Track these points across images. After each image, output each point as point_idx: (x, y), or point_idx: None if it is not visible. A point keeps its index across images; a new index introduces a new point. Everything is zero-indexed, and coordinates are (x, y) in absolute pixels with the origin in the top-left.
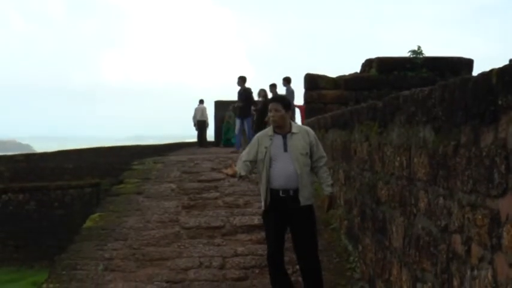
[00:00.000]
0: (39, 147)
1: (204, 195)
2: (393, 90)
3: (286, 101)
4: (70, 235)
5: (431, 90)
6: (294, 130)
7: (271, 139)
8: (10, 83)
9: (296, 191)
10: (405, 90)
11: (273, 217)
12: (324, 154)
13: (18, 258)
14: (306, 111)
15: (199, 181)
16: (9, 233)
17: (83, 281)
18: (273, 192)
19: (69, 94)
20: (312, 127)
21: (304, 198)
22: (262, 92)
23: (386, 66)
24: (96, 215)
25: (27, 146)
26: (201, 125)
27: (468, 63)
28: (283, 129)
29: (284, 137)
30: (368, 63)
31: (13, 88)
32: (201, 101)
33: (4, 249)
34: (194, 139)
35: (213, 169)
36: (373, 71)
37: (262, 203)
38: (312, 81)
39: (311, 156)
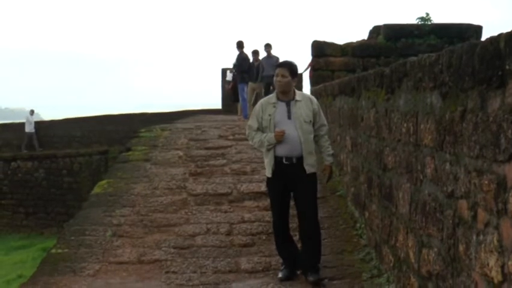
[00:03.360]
0: (48, 116)
1: (211, 162)
2: (401, 57)
3: (294, 68)
4: (78, 202)
5: (438, 55)
6: (297, 98)
7: (274, 106)
8: (19, 52)
9: (300, 158)
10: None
11: (277, 185)
12: (326, 123)
13: (28, 225)
14: (313, 78)
15: (206, 148)
16: (19, 201)
17: (92, 246)
18: (276, 160)
19: (77, 63)
20: (319, 94)
21: (309, 166)
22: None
23: (394, 33)
24: (104, 181)
25: (36, 114)
26: None
27: (477, 29)
28: (287, 96)
29: (288, 105)
30: (376, 30)
31: (22, 57)
32: None
33: (15, 216)
34: (198, 107)
35: (220, 136)
36: (381, 38)
37: (266, 171)
38: (319, 49)
39: (313, 124)
